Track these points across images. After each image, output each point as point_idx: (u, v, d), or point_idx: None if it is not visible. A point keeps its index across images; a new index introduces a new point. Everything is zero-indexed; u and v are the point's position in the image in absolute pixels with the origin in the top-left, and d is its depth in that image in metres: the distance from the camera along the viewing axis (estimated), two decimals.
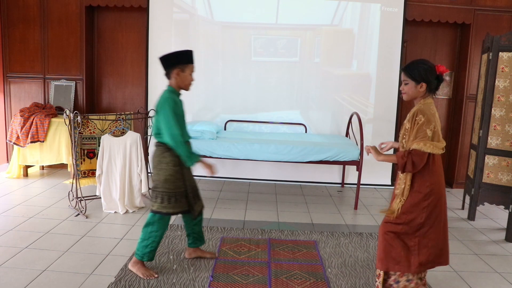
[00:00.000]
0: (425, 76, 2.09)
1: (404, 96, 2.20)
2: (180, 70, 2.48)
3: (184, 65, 2.48)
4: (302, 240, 3.25)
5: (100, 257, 2.80)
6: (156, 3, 4.92)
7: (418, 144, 2.02)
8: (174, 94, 2.52)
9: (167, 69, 2.50)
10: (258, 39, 5.04)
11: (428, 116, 2.04)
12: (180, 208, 2.53)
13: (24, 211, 3.62)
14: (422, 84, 2.09)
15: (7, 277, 2.46)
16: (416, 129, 2.04)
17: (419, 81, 2.09)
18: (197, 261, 2.78)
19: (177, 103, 2.50)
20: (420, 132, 2.03)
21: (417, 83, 2.10)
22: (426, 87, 2.10)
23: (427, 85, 2.10)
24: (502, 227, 3.75)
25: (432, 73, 2.10)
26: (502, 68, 3.70)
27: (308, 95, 5.11)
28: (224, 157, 4.12)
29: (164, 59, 2.48)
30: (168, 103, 2.44)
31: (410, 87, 2.13)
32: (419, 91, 2.11)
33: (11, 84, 5.16)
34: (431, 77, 2.09)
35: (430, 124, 2.03)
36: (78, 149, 3.78)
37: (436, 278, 2.69)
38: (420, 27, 5.11)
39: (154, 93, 5.08)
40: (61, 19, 5.01)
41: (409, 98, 2.18)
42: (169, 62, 2.47)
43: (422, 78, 2.09)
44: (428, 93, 2.13)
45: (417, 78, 2.10)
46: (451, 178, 5.26)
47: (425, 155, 2.03)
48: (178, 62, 2.47)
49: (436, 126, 2.06)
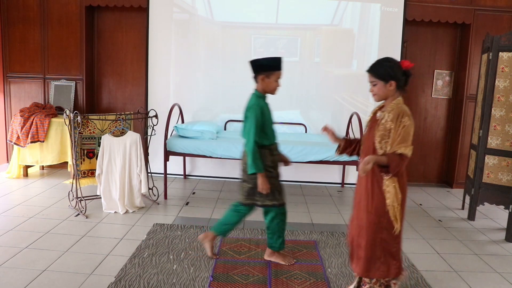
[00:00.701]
0: (392, 74, 2.04)
1: (374, 97, 2.14)
2: (265, 76, 2.57)
3: (270, 72, 2.57)
4: (302, 240, 3.25)
5: (100, 257, 2.80)
6: (156, 3, 4.92)
7: (406, 149, 1.98)
8: (260, 99, 2.62)
9: (254, 73, 2.60)
10: (258, 39, 5.04)
11: (411, 119, 2.02)
12: (283, 199, 2.72)
13: (24, 211, 3.62)
14: (391, 82, 2.05)
15: (7, 277, 2.46)
16: (404, 132, 1.99)
17: (388, 80, 2.05)
18: (197, 261, 2.78)
19: (263, 109, 2.59)
20: (407, 136, 1.99)
21: (385, 82, 2.05)
22: (396, 84, 2.06)
23: (396, 82, 2.05)
24: (502, 227, 3.75)
25: (399, 70, 2.05)
26: (502, 68, 3.70)
27: (308, 95, 5.11)
28: (224, 157, 4.12)
29: (252, 64, 2.59)
30: (254, 109, 2.54)
31: (379, 88, 2.08)
32: (389, 90, 2.06)
33: (11, 84, 5.16)
34: (398, 73, 2.05)
35: (413, 127, 2.01)
36: (78, 149, 3.78)
37: (436, 278, 2.69)
38: (420, 27, 5.11)
39: (154, 93, 5.09)
40: (61, 19, 5.01)
41: (380, 99, 2.13)
42: (256, 67, 2.58)
43: (390, 76, 2.04)
44: (398, 92, 2.09)
45: (385, 77, 2.05)
46: (451, 178, 5.26)
47: (408, 160, 2.01)
48: (264, 68, 2.57)
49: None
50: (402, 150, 1.98)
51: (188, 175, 5.19)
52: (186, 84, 5.14)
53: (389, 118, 2.03)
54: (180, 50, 5.06)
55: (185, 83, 5.13)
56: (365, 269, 2.18)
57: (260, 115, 2.54)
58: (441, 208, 4.34)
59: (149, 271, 2.61)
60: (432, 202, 4.58)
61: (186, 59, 5.07)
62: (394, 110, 2.04)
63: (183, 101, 4.96)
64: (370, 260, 2.16)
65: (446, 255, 3.09)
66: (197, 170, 5.20)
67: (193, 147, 4.14)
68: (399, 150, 1.98)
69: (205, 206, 4.05)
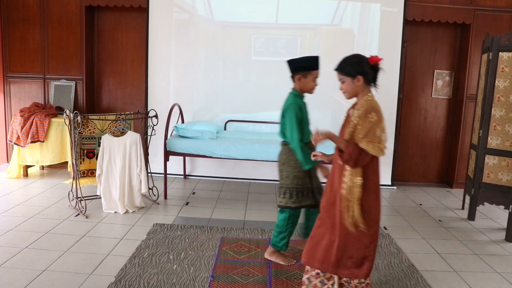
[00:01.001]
0: (359, 69, 2.01)
1: (345, 95, 2.11)
2: (302, 76, 2.61)
3: (307, 71, 2.60)
4: (302, 240, 3.25)
5: (100, 257, 2.80)
6: (156, 3, 4.92)
7: (367, 145, 1.94)
8: (298, 98, 2.66)
9: (292, 73, 2.65)
10: (258, 39, 5.04)
11: (380, 115, 1.98)
12: (306, 202, 2.69)
13: (24, 211, 3.62)
14: (358, 77, 2.02)
15: (7, 277, 2.46)
16: (368, 127, 1.95)
17: (354, 75, 2.02)
18: (197, 261, 2.78)
19: (301, 108, 2.63)
20: (371, 131, 1.94)
21: (353, 78, 2.02)
22: (364, 79, 2.03)
23: (364, 77, 2.02)
24: (502, 227, 3.75)
25: (366, 64, 2.02)
26: (502, 68, 3.70)
27: (308, 95, 5.09)
28: (224, 157, 4.12)
29: (290, 63, 2.63)
30: (292, 108, 2.57)
31: (348, 84, 2.05)
32: (358, 86, 2.03)
33: (11, 84, 5.16)
34: (365, 68, 2.02)
35: (381, 123, 1.97)
36: (77, 149, 3.78)
37: (436, 278, 2.70)
38: (420, 27, 5.11)
39: (154, 93, 5.09)
40: (61, 19, 5.01)
41: (351, 96, 2.10)
42: (293, 67, 2.64)
43: (356, 71, 2.01)
44: (368, 87, 2.06)
45: (351, 73, 2.02)
46: (451, 178, 5.26)
47: (369, 157, 1.97)
48: (301, 68, 2.60)
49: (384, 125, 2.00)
50: (364, 145, 1.94)
51: (188, 175, 5.19)
52: (186, 84, 5.13)
53: (356, 115, 2.01)
54: (180, 50, 5.06)
55: (185, 83, 5.13)
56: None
57: (299, 113, 2.58)
58: (441, 208, 4.34)
59: (149, 271, 2.61)
60: (432, 202, 4.58)
61: (186, 59, 5.07)
62: (364, 107, 2.01)
63: (183, 101, 4.96)
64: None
65: (446, 255, 3.09)
66: (197, 170, 5.20)
67: (193, 147, 4.14)
68: (360, 144, 1.95)
69: (205, 206, 4.05)
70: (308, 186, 2.69)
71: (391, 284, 2.57)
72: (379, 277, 2.66)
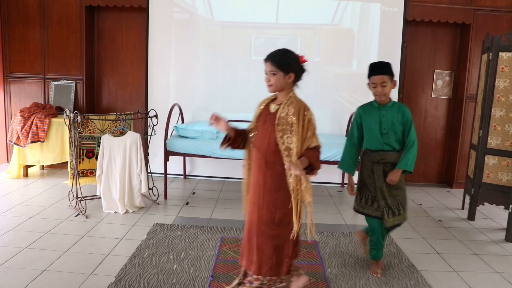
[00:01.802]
0: (294, 66, 2.01)
1: (270, 88, 2.06)
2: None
3: (368, 78, 2.61)
4: (302, 240, 3.24)
5: (100, 257, 2.80)
6: (156, 3, 4.92)
7: (317, 141, 1.99)
8: (366, 104, 2.70)
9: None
10: (258, 39, 5.04)
11: (311, 110, 2.02)
12: (367, 210, 2.66)
13: (24, 211, 3.62)
14: (290, 74, 2.01)
15: (7, 277, 2.46)
16: (311, 126, 1.99)
17: (288, 72, 2.00)
18: (197, 261, 2.78)
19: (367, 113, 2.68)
20: (315, 128, 2.00)
21: (285, 73, 2.00)
22: (294, 78, 2.03)
23: (295, 76, 2.02)
24: (502, 227, 3.75)
25: (298, 63, 2.02)
26: (502, 68, 3.70)
27: (308, 95, 5.05)
28: (224, 157, 4.12)
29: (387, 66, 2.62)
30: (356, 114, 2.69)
31: (278, 78, 2.01)
32: (287, 83, 2.02)
33: (11, 84, 5.16)
34: (297, 67, 2.02)
35: (314, 118, 2.02)
36: (77, 149, 3.78)
37: (436, 278, 2.70)
38: (420, 27, 5.11)
39: (154, 93, 5.09)
40: (61, 19, 5.01)
41: (276, 90, 2.07)
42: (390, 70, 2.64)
43: (291, 68, 2.00)
44: (293, 85, 2.06)
45: (286, 68, 2.00)
46: (451, 178, 5.26)
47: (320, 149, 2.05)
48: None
49: None
50: (315, 143, 1.99)
51: (188, 175, 5.19)
52: (186, 84, 5.13)
53: (290, 112, 1.99)
54: (180, 50, 5.06)
55: (185, 83, 5.13)
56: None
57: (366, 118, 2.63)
58: (441, 208, 4.34)
59: (149, 271, 2.61)
60: (432, 202, 4.58)
61: (186, 59, 5.07)
62: (294, 104, 2.00)
63: (183, 101, 4.96)
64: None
65: (446, 255, 3.09)
66: (197, 170, 5.20)
67: (193, 147, 4.14)
68: (312, 144, 1.98)
69: (205, 206, 4.05)
70: (372, 194, 2.63)
71: (391, 284, 2.57)
72: (379, 277, 2.66)
